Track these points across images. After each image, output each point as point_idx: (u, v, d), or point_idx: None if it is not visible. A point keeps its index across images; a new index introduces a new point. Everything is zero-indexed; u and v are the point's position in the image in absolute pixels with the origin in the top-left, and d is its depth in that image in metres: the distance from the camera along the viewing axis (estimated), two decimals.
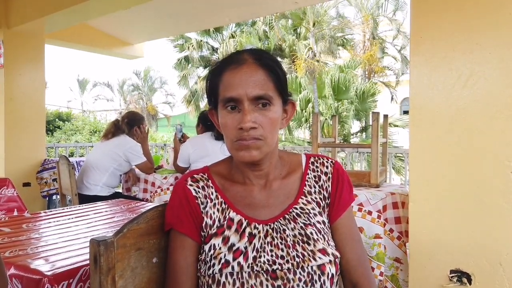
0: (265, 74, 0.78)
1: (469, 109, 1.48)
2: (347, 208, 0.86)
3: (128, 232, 0.79)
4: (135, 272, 0.80)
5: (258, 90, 0.76)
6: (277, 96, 0.80)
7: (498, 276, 1.42)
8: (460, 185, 1.50)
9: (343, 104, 11.81)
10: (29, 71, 3.91)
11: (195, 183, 0.85)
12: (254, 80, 0.77)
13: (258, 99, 0.77)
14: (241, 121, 0.76)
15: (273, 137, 0.80)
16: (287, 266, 0.76)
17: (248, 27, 16.23)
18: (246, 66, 0.78)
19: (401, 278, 1.85)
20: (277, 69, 0.80)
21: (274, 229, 0.80)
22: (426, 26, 1.57)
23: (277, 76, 0.79)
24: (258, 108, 0.77)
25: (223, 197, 0.84)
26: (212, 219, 0.82)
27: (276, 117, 0.79)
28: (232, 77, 0.78)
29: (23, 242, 1.14)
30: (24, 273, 0.89)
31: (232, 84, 0.77)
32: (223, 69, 0.80)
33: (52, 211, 1.61)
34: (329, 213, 0.85)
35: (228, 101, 0.78)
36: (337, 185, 0.86)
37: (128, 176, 3.12)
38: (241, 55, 0.80)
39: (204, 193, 0.84)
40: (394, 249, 1.86)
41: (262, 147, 0.78)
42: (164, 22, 4.45)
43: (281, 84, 0.80)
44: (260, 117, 0.77)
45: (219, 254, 0.78)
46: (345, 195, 0.86)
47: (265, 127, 0.77)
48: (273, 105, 0.78)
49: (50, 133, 13.74)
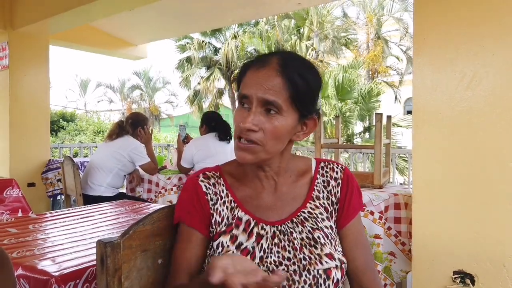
0: (282, 82, 0.75)
1: (472, 111, 1.48)
2: (356, 214, 0.86)
3: (134, 234, 0.80)
4: (141, 273, 0.82)
5: (268, 95, 0.75)
6: (291, 107, 0.77)
7: (501, 277, 1.42)
8: (463, 186, 1.50)
9: (346, 104, 11.78)
10: (34, 72, 3.94)
11: (206, 179, 0.86)
12: (269, 84, 0.75)
13: (266, 103, 0.76)
14: (244, 119, 0.76)
15: (274, 146, 0.78)
16: (294, 268, 0.77)
17: (251, 27, 16.24)
18: (267, 69, 0.76)
19: (393, 270, 1.87)
20: (299, 80, 0.76)
21: (282, 231, 0.81)
22: (429, 27, 1.57)
23: (295, 87, 0.75)
24: (265, 112, 0.76)
25: (232, 196, 0.85)
26: (221, 217, 0.83)
27: (282, 127, 0.76)
28: (252, 76, 0.78)
29: (30, 243, 1.16)
30: (32, 273, 0.90)
31: (249, 83, 0.77)
32: (249, 67, 0.80)
33: (58, 212, 1.63)
34: (337, 219, 0.85)
35: (242, 98, 0.78)
36: (347, 191, 0.86)
37: (132, 177, 3.13)
38: (270, 57, 0.79)
39: (214, 190, 0.85)
40: (390, 244, 1.88)
41: (258, 153, 0.77)
42: (168, 22, 4.46)
43: (299, 96, 0.76)
44: (264, 122, 0.76)
45: (227, 252, 0.79)
46: (354, 202, 0.86)
47: (266, 133, 0.76)
48: (281, 115, 0.76)
49: (54, 134, 13.81)
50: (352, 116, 11.52)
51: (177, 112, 25.79)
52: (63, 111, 16.09)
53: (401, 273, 1.88)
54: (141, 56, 5.45)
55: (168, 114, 25.80)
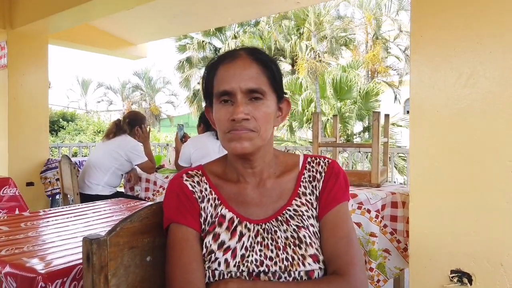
0: (259, 68, 0.78)
1: (470, 109, 1.47)
2: (337, 205, 0.81)
3: (121, 231, 0.79)
4: (128, 271, 0.80)
5: (251, 83, 0.76)
6: (271, 92, 0.80)
7: (499, 276, 1.40)
8: (460, 185, 1.48)
9: (345, 104, 11.78)
10: (33, 71, 3.93)
11: (190, 178, 0.85)
12: (247, 73, 0.77)
13: (251, 92, 0.77)
14: (233, 112, 0.76)
15: (266, 131, 0.79)
16: (275, 268, 0.75)
17: (251, 27, 16.25)
18: (240, 60, 0.78)
19: (387, 266, 1.86)
20: (272, 64, 0.80)
21: (265, 229, 0.79)
22: (426, 25, 1.56)
23: (271, 71, 0.79)
24: (251, 101, 0.77)
25: (216, 193, 0.83)
26: (205, 214, 0.82)
27: (269, 111, 0.79)
28: (226, 71, 0.78)
29: (20, 241, 1.14)
30: (19, 271, 0.89)
31: (226, 78, 0.78)
32: (218, 65, 0.80)
33: (52, 210, 1.62)
34: (318, 211, 0.82)
35: (221, 95, 0.78)
36: (328, 181, 0.83)
37: (130, 176, 3.12)
38: (237, 51, 0.81)
39: (199, 188, 0.84)
40: (385, 242, 1.86)
41: (254, 139, 0.77)
42: (167, 22, 4.45)
43: (275, 80, 0.80)
44: (253, 110, 0.77)
45: (211, 253, 0.78)
46: (336, 192, 0.82)
47: (258, 119, 0.77)
48: (266, 99, 0.78)
49: (54, 133, 13.82)
50: (351, 116, 11.52)
51: (177, 112, 25.82)
52: (63, 111, 16.11)
53: (395, 270, 1.87)
54: (140, 56, 5.44)
55: (168, 114, 25.80)
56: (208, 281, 0.77)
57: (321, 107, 12.33)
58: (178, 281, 0.76)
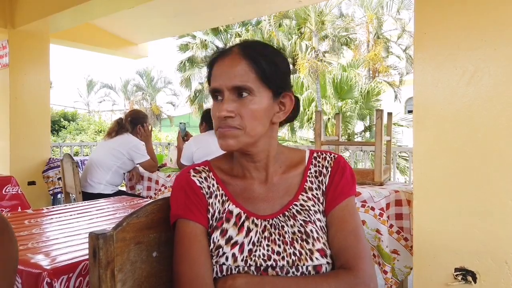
0: (247, 65, 0.77)
1: (473, 106, 1.46)
2: (344, 199, 0.81)
3: (128, 226, 0.79)
4: (135, 266, 0.80)
5: (236, 81, 0.76)
6: (262, 87, 0.77)
7: (503, 274, 1.40)
8: (464, 183, 1.48)
9: (346, 104, 11.77)
10: (34, 70, 3.93)
11: (197, 174, 0.84)
12: (233, 71, 0.77)
13: (237, 89, 0.77)
14: (218, 109, 0.77)
15: (254, 128, 0.77)
16: (282, 263, 0.75)
17: (253, 27, 16.24)
18: (230, 57, 0.79)
19: (397, 268, 1.85)
20: (261, 60, 0.77)
21: (273, 225, 0.79)
22: (430, 22, 1.55)
23: (260, 67, 0.77)
24: (238, 99, 0.77)
25: (224, 189, 0.83)
26: (213, 210, 0.82)
27: (258, 108, 0.77)
28: (218, 68, 0.79)
29: (24, 238, 1.14)
30: (24, 267, 0.89)
31: (217, 75, 0.79)
32: (213, 62, 0.82)
33: (54, 208, 1.62)
34: (325, 206, 0.82)
35: (213, 92, 0.79)
36: (335, 176, 0.83)
37: (132, 175, 3.12)
38: (230, 47, 0.82)
39: (207, 183, 0.84)
40: (393, 242, 1.86)
41: (239, 137, 0.77)
42: (168, 21, 4.45)
43: (266, 75, 0.77)
44: (239, 107, 0.76)
45: (218, 248, 0.78)
46: (343, 186, 0.82)
47: (244, 116, 0.76)
48: (254, 95, 0.77)
49: (56, 133, 13.84)
50: (352, 116, 11.51)
51: (178, 112, 25.80)
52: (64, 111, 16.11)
53: (405, 270, 1.86)
54: (141, 55, 5.44)
55: (169, 114, 25.80)
56: (216, 276, 0.77)
57: (322, 107, 12.32)
58: (186, 275, 0.76)
